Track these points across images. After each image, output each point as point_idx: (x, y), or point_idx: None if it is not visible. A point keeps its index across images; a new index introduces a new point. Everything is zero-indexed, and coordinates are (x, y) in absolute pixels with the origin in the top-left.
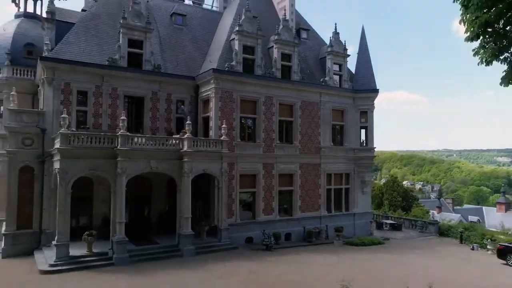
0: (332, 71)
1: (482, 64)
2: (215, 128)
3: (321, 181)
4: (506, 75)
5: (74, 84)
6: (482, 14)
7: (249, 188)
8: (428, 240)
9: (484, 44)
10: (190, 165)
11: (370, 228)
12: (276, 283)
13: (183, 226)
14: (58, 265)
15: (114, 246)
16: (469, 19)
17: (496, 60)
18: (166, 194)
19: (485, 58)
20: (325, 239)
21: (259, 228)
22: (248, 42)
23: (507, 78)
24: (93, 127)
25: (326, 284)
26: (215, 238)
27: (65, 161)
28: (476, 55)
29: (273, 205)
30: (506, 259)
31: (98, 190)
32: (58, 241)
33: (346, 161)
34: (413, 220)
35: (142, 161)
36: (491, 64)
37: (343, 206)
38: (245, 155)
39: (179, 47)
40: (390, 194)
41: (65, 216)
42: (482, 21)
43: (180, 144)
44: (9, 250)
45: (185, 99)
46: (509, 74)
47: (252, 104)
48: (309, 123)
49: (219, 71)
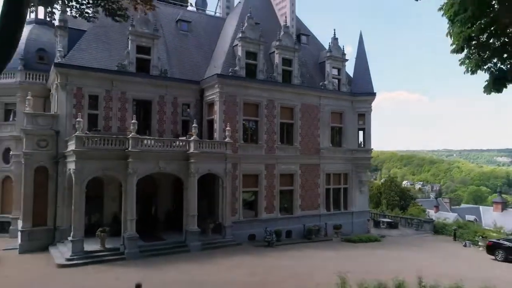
0: (331, 75)
1: (468, 73)
2: (220, 130)
3: (320, 181)
4: (488, 84)
5: (86, 89)
6: (467, 28)
7: (251, 188)
8: (423, 238)
9: (469, 55)
10: (196, 166)
11: (367, 226)
12: (278, 274)
13: (189, 223)
14: (74, 259)
15: (125, 241)
16: (455, 32)
17: (480, 69)
18: (172, 193)
19: (470, 68)
20: (324, 236)
21: (261, 226)
22: (251, 48)
23: (489, 87)
24: (104, 130)
25: (324, 274)
26: (220, 235)
27: (80, 162)
28: (462, 65)
29: (275, 203)
30: (494, 254)
31: (108, 189)
32: (74, 237)
33: (344, 161)
34: (409, 218)
35: (151, 162)
36: (476, 73)
37: (342, 205)
38: (248, 156)
39: (185, 53)
40: (388, 193)
41: (80, 214)
42: (466, 35)
43: (186, 145)
44: (26, 245)
45: (190, 102)
46: (491, 83)
47: (255, 107)
48: (309, 125)
49: (223, 76)
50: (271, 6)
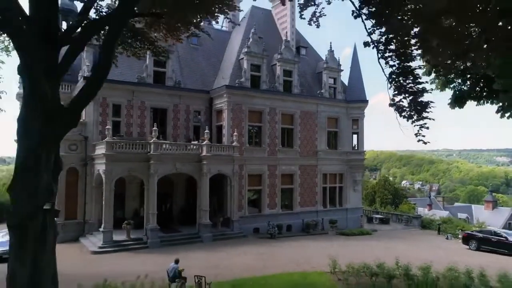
0: (328, 85)
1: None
2: (228, 135)
3: (318, 180)
4: (451, 101)
5: (110, 99)
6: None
7: (256, 186)
8: (410, 232)
9: (438, 76)
10: (208, 167)
11: (360, 221)
12: (279, 259)
13: (202, 217)
14: (105, 247)
15: (148, 232)
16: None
17: (447, 88)
18: (185, 192)
19: (438, 86)
20: (321, 230)
21: (265, 220)
22: (255, 61)
23: (452, 103)
24: (126, 135)
25: (319, 259)
26: (228, 228)
27: (110, 163)
28: (432, 83)
29: (276, 200)
30: (468, 244)
31: (129, 188)
32: (104, 228)
33: (339, 163)
34: (400, 214)
35: (170, 163)
36: (444, 90)
37: (337, 202)
38: (253, 158)
39: (195, 65)
40: (381, 192)
41: (110, 208)
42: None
43: (199, 149)
44: (60, 237)
45: (201, 110)
46: (453, 101)
47: (259, 114)
48: (307, 129)
49: (231, 87)
50: (273, 20)
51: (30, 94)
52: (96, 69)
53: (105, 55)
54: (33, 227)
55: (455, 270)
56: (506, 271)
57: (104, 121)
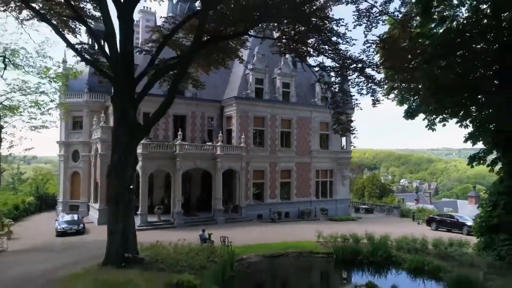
0: (320, 94)
1: (398, 106)
2: (236, 137)
3: (311, 175)
4: (405, 115)
5: (141, 108)
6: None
7: (259, 180)
8: (390, 218)
9: (396, 95)
10: (221, 164)
11: (348, 210)
12: (279, 234)
13: (216, 204)
14: (142, 226)
15: (174, 215)
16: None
17: (404, 103)
18: (201, 184)
19: (397, 103)
20: (314, 217)
21: (267, 208)
22: (259, 76)
23: (406, 116)
24: (154, 137)
25: (308, 234)
26: (237, 213)
27: (145, 161)
28: (394, 100)
29: (276, 192)
30: (430, 226)
31: (157, 181)
32: (141, 211)
33: (330, 160)
34: (383, 205)
35: (191, 160)
36: (403, 105)
37: (328, 193)
38: (257, 156)
39: (209, 78)
40: (370, 187)
41: (145, 196)
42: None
43: (213, 149)
44: (102, 219)
45: (213, 116)
46: (406, 114)
47: (262, 120)
48: (302, 132)
49: (239, 98)
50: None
51: (121, 116)
52: (165, 99)
53: (172, 89)
54: (123, 200)
55: (405, 237)
56: (440, 237)
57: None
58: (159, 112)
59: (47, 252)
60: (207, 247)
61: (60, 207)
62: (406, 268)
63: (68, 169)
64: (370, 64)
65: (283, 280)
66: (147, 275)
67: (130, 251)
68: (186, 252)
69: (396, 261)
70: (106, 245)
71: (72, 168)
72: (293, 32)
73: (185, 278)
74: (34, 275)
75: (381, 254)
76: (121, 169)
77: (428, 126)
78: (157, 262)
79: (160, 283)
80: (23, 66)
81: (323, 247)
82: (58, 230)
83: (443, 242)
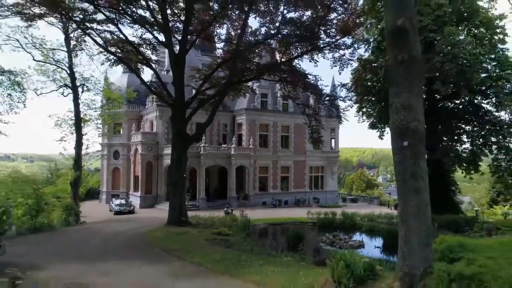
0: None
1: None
2: (246, 140)
3: (306, 171)
4: (369, 127)
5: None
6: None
7: (264, 174)
8: (369, 206)
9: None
10: (235, 161)
11: (336, 200)
12: (279, 214)
13: (231, 192)
14: None
15: (199, 201)
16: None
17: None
18: (217, 177)
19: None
20: (307, 204)
21: (269, 197)
22: (264, 91)
23: (370, 127)
24: None
25: (302, 214)
26: (247, 200)
27: None
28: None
29: (277, 184)
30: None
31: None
32: None
33: (321, 159)
34: (365, 196)
35: (211, 159)
36: (369, 119)
37: (319, 186)
38: (262, 156)
39: None
40: (358, 182)
41: None
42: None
43: (228, 150)
44: (142, 204)
45: (227, 123)
46: (369, 126)
47: (266, 126)
48: (298, 136)
49: (248, 109)
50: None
51: (177, 132)
52: (207, 120)
53: (212, 113)
54: (179, 185)
55: (369, 214)
56: (392, 213)
57: (168, 132)
58: (204, 127)
59: (117, 223)
60: (231, 216)
61: (104, 196)
62: (364, 230)
63: (110, 165)
64: (338, 96)
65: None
66: (197, 229)
67: (184, 216)
68: (217, 220)
69: (358, 227)
70: (161, 215)
71: (113, 164)
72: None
73: (222, 230)
74: (122, 231)
75: (349, 222)
76: (179, 164)
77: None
78: (201, 224)
79: (207, 232)
80: (93, 89)
81: (311, 220)
82: (115, 210)
83: (392, 215)
